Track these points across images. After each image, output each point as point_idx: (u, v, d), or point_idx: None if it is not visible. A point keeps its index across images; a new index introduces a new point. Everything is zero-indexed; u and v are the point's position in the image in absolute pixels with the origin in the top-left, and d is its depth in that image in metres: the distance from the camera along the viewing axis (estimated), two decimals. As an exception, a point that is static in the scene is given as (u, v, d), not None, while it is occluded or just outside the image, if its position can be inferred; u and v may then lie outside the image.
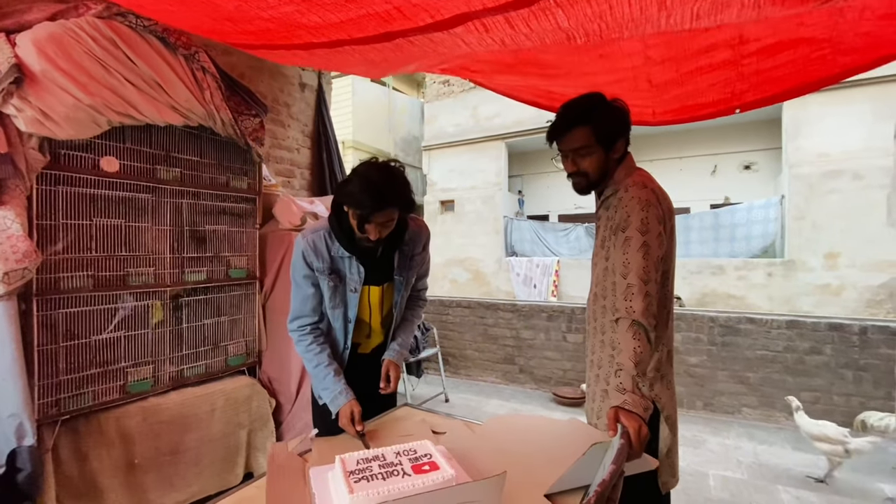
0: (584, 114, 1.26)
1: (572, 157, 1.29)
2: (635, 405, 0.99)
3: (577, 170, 1.29)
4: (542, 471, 1.09)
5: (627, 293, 1.09)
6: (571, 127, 1.26)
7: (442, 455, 1.11)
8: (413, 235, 1.55)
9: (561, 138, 1.29)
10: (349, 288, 1.47)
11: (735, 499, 2.39)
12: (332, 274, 1.45)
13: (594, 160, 1.27)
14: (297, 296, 1.50)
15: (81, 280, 1.79)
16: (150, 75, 1.85)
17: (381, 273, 1.51)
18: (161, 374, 2.07)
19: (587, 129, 1.24)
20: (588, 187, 1.32)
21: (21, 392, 1.56)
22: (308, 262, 1.45)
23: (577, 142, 1.26)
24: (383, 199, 1.27)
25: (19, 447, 1.53)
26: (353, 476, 1.00)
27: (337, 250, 1.45)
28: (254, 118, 2.38)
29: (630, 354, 1.04)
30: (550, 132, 1.31)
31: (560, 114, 1.29)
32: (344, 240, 1.43)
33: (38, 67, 1.57)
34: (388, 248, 1.50)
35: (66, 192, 1.75)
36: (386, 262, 1.51)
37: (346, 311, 1.50)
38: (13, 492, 1.51)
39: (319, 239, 1.45)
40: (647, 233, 1.13)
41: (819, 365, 3.32)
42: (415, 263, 1.58)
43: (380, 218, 1.31)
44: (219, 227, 2.31)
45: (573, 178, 1.32)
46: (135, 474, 1.90)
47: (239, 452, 2.29)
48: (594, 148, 1.25)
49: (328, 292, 1.47)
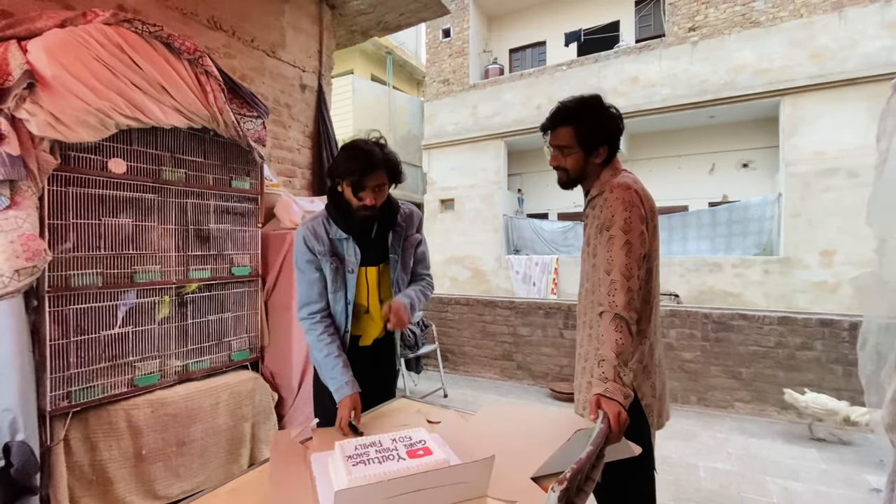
0: (571, 115, 1.33)
1: (554, 153, 1.38)
2: (615, 392, 1.05)
3: (559, 165, 1.38)
4: (530, 456, 1.16)
5: (611, 288, 1.16)
6: (558, 125, 1.35)
7: (435, 441, 1.18)
8: (405, 218, 1.65)
9: (550, 132, 1.39)
10: (347, 269, 1.55)
11: (724, 489, 2.46)
12: (333, 256, 1.54)
13: (574, 160, 1.34)
14: (303, 282, 1.57)
15: (91, 277, 1.86)
16: (155, 79, 1.92)
17: (376, 254, 1.60)
18: (167, 368, 2.14)
19: (571, 129, 1.32)
20: (567, 183, 1.40)
21: (17, 387, 1.58)
22: (310, 246, 1.53)
23: (561, 140, 1.35)
24: (370, 159, 1.41)
25: (11, 441, 1.56)
26: (350, 460, 1.06)
27: (335, 233, 1.54)
28: (255, 119, 2.44)
29: (612, 345, 1.11)
30: (543, 124, 1.40)
31: (553, 109, 1.37)
32: (341, 221, 1.53)
33: (49, 73, 1.64)
34: (381, 230, 1.59)
35: (75, 192, 1.81)
36: (381, 242, 1.60)
37: (347, 292, 1.57)
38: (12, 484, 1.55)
39: (318, 224, 1.56)
40: (630, 231, 1.19)
41: (810, 360, 3.39)
42: (409, 245, 1.66)
43: (371, 181, 1.43)
44: (222, 227, 2.37)
45: (556, 171, 1.41)
46: (142, 465, 1.97)
47: (243, 444, 2.36)
48: (575, 149, 1.33)
49: (330, 275, 1.54)
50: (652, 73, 8.50)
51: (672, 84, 8.32)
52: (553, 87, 9.30)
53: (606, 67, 8.97)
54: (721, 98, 7.93)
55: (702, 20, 8.16)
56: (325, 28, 3.69)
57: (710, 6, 8.07)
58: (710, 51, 8.04)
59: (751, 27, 7.74)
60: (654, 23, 9.76)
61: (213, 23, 2.77)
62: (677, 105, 8.29)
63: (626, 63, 8.79)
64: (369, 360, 1.66)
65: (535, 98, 9.58)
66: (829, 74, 7.09)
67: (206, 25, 2.72)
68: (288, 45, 3.33)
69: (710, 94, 7.99)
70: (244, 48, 2.98)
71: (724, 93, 7.88)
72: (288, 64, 3.34)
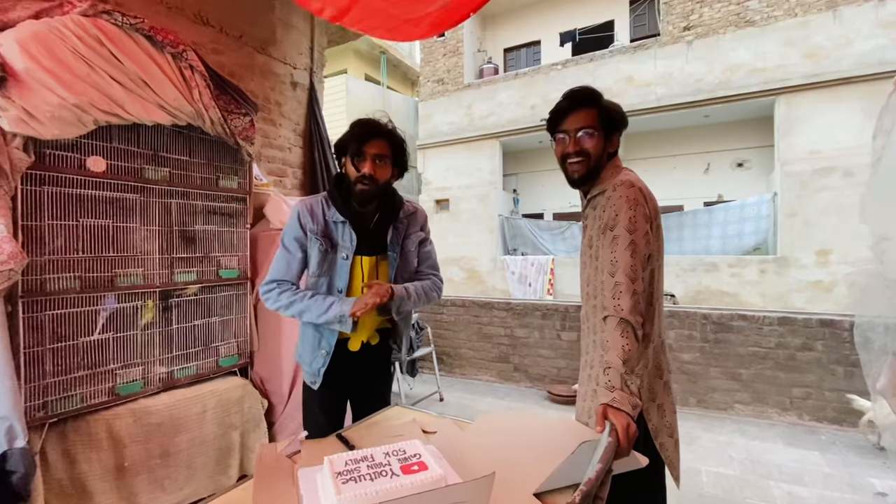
0: (590, 97, 1.26)
1: (575, 137, 1.25)
2: (623, 402, 0.99)
3: (581, 149, 1.25)
4: (531, 469, 1.09)
5: (615, 291, 1.09)
6: (579, 106, 1.26)
7: (431, 455, 1.11)
8: (408, 215, 1.60)
9: (566, 118, 1.27)
10: (340, 255, 1.49)
11: (727, 495, 2.40)
12: (324, 237, 1.48)
13: (596, 143, 1.25)
14: (282, 259, 1.52)
15: (68, 281, 1.77)
16: (136, 73, 1.83)
17: (373, 244, 1.53)
18: (151, 375, 2.05)
19: (594, 110, 1.24)
20: (586, 174, 1.27)
21: (10, 394, 1.53)
22: (302, 222, 1.49)
23: (584, 121, 1.24)
24: (372, 124, 1.45)
25: (10, 449, 1.52)
26: (340, 477, 0.99)
27: (332, 215, 1.50)
28: (244, 117, 2.36)
29: (619, 352, 1.04)
30: (556, 113, 1.29)
31: (565, 97, 1.28)
32: (340, 203, 1.49)
33: (21, 66, 1.55)
34: (381, 222, 1.53)
35: (51, 192, 1.73)
36: (379, 234, 1.53)
37: (333, 280, 1.50)
38: (7, 494, 1.50)
39: (316, 202, 1.52)
40: (635, 231, 1.13)
41: (810, 361, 3.34)
42: (410, 243, 1.59)
43: (372, 147, 1.43)
44: (209, 228, 2.29)
45: (573, 159, 1.26)
46: (125, 477, 1.88)
47: (231, 454, 2.27)
48: (598, 131, 1.25)
49: (317, 257, 1.48)
50: (647, 72, 8.48)
51: (667, 83, 8.30)
52: (548, 87, 9.25)
53: (601, 67, 8.93)
54: (716, 97, 7.91)
55: (696, 19, 8.14)
56: (316, 24, 3.61)
57: (705, 5, 8.06)
58: (705, 50, 8.03)
59: (745, 26, 7.73)
60: (649, 22, 9.75)
61: (201, 18, 2.68)
62: (672, 105, 8.27)
63: (622, 62, 8.76)
64: (358, 365, 1.59)
65: (530, 98, 9.53)
66: (823, 74, 7.09)
67: (192, 20, 2.63)
68: (278, 41, 3.25)
69: (706, 94, 7.98)
70: (233, 44, 2.89)
71: (719, 92, 7.87)
72: (278, 61, 3.26)
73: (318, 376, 1.54)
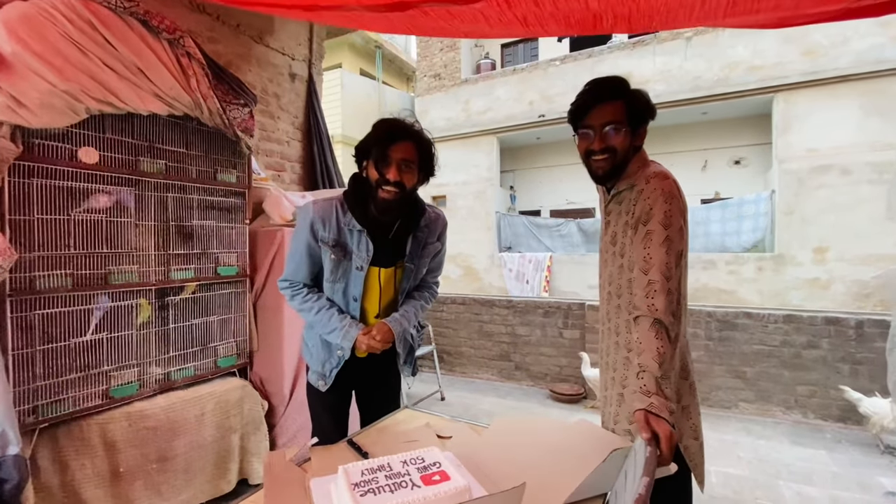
0: (617, 88, 1.17)
1: (601, 133, 1.17)
2: (661, 409, 0.93)
3: (606, 146, 1.17)
4: (555, 477, 1.03)
5: (649, 290, 1.03)
6: (606, 100, 1.16)
7: (451, 463, 1.04)
8: (429, 223, 1.49)
9: (590, 112, 1.18)
10: (355, 265, 1.40)
11: (738, 496, 2.37)
12: (336, 247, 1.38)
13: (623, 138, 1.17)
14: (292, 261, 1.46)
15: (59, 279, 1.68)
16: (131, 60, 1.74)
17: (391, 256, 1.44)
18: (147, 377, 1.97)
19: (621, 103, 1.16)
20: (611, 171, 1.20)
21: (2, 399, 1.45)
22: (314, 229, 1.39)
23: (610, 115, 1.16)
24: (398, 125, 1.32)
25: (3, 457, 1.44)
26: (358, 489, 0.92)
27: (348, 221, 1.38)
28: (242, 108, 2.27)
29: (654, 355, 0.98)
30: (579, 106, 1.20)
31: (590, 88, 1.19)
32: (358, 210, 1.38)
33: (8, 49, 1.46)
34: (402, 231, 1.43)
35: (41, 184, 1.63)
36: (398, 245, 1.43)
37: (348, 287, 1.42)
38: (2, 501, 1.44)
39: (330, 206, 1.40)
40: (670, 226, 1.06)
41: (816, 359, 3.32)
42: (427, 252, 1.51)
43: (398, 151, 1.30)
44: (207, 223, 2.20)
45: (598, 156, 1.19)
46: (120, 483, 1.80)
47: (231, 458, 2.19)
48: (625, 126, 1.16)
49: (330, 265, 1.40)
50: (646, 69, 8.43)
51: (666, 80, 8.27)
52: (546, 83, 9.19)
53: (600, 63, 8.88)
54: (715, 94, 7.89)
55: (695, 16, 8.10)
56: (315, 15, 3.51)
57: (704, 2, 8.02)
58: (703, 47, 8.00)
59: (744, 23, 7.70)
60: (647, 19, 9.70)
61: (197, 5, 2.58)
62: (671, 101, 8.23)
63: (620, 59, 8.71)
64: (365, 369, 1.52)
65: (528, 93, 9.45)
66: (821, 71, 7.08)
67: (189, 8, 2.53)
68: (276, 31, 3.15)
69: (704, 91, 7.95)
70: (229, 33, 2.79)
71: (717, 89, 7.85)
72: (276, 51, 3.16)
73: (328, 377, 1.48)
